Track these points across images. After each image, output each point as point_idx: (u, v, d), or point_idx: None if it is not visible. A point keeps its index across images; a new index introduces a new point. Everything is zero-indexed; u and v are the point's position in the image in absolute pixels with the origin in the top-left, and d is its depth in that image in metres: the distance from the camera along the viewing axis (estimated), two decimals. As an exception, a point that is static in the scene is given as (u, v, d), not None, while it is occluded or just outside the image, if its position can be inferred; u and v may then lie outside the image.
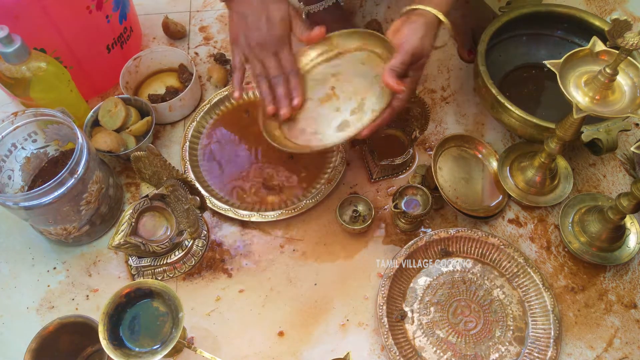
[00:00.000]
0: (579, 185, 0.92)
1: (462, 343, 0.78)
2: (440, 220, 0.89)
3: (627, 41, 0.62)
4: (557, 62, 0.69)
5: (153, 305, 0.68)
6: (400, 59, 0.69)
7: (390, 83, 0.69)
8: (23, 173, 0.86)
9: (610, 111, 0.67)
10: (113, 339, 0.64)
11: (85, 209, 0.79)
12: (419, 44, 0.69)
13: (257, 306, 0.82)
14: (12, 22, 0.78)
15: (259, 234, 0.88)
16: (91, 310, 0.81)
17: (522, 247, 0.86)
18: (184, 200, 0.78)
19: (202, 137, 0.95)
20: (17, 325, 0.81)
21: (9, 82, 0.80)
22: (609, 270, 0.85)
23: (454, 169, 0.89)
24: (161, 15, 1.08)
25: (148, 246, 0.77)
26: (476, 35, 1.00)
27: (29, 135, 0.83)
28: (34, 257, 0.86)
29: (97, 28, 0.91)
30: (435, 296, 0.82)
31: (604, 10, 1.13)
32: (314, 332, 0.80)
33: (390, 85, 0.69)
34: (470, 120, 0.98)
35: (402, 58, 0.69)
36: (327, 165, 0.91)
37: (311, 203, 0.87)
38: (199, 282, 0.84)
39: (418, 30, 0.70)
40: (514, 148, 0.91)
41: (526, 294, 0.81)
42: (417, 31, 0.70)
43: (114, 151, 0.87)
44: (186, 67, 1.00)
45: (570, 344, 0.79)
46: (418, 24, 0.70)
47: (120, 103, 0.90)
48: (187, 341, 0.73)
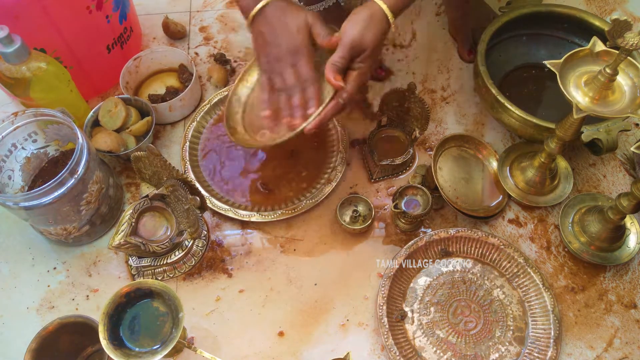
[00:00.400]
0: (579, 185, 0.92)
1: (462, 343, 0.78)
2: (440, 220, 0.89)
3: (627, 41, 0.62)
4: (557, 62, 0.69)
5: (153, 305, 0.68)
6: (340, 53, 0.69)
7: (329, 78, 0.69)
8: (23, 173, 0.86)
9: (610, 111, 0.67)
10: (113, 339, 0.64)
11: (85, 209, 0.79)
12: (358, 36, 0.68)
13: (257, 306, 0.82)
14: (12, 22, 0.78)
15: (259, 234, 0.88)
16: (91, 310, 0.81)
17: (522, 247, 0.86)
18: (184, 200, 0.78)
19: (202, 137, 0.95)
20: (17, 325, 0.81)
21: (9, 82, 0.80)
22: (609, 270, 0.85)
23: (454, 169, 0.89)
24: (161, 15, 1.08)
25: (148, 246, 0.77)
26: (476, 35, 1.00)
27: (29, 135, 0.83)
28: (34, 257, 0.86)
29: (97, 28, 0.91)
30: (435, 296, 0.82)
31: (604, 10, 1.13)
32: (314, 332, 0.80)
33: (329, 80, 0.69)
34: (470, 120, 0.98)
35: (341, 52, 0.69)
36: (327, 165, 0.91)
37: (311, 203, 0.87)
38: (199, 282, 0.84)
39: (358, 23, 0.69)
40: (514, 148, 0.91)
41: (526, 294, 0.81)
42: (358, 23, 0.69)
43: (114, 151, 0.87)
44: (186, 67, 1.00)
45: (570, 344, 0.79)
46: (360, 16, 0.69)
47: (120, 103, 0.90)
48: (187, 341, 0.73)
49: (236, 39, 1.09)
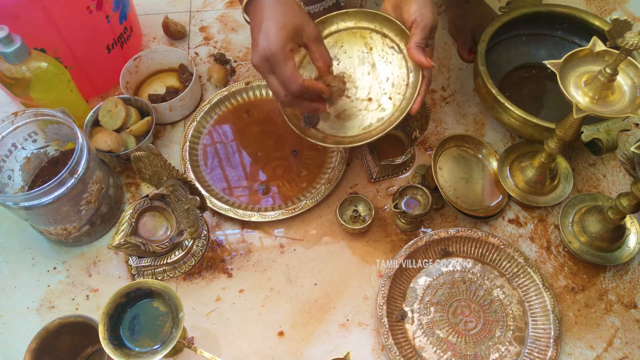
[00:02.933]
0: (579, 185, 0.92)
1: (462, 343, 0.78)
2: (440, 220, 0.89)
3: (627, 41, 0.62)
4: (557, 62, 0.69)
5: (153, 305, 0.68)
6: (421, 34, 0.70)
7: (421, 60, 0.70)
8: (23, 173, 0.86)
9: (610, 111, 0.67)
10: (113, 339, 0.64)
11: (85, 209, 0.79)
12: (432, 17, 0.70)
13: (257, 306, 0.82)
14: (12, 22, 0.78)
15: (259, 234, 0.88)
16: (91, 310, 0.81)
17: (522, 247, 0.86)
18: (184, 200, 0.78)
19: (202, 137, 0.95)
20: (17, 325, 0.81)
21: (9, 82, 0.80)
22: (609, 270, 0.85)
23: (454, 169, 0.89)
24: (161, 15, 1.08)
25: (148, 246, 0.77)
26: (476, 35, 1.00)
27: (29, 135, 0.83)
28: (34, 257, 0.86)
29: (97, 28, 0.91)
30: (435, 296, 0.82)
31: (604, 10, 1.13)
32: (314, 332, 0.80)
33: (420, 62, 0.71)
34: (470, 120, 0.98)
35: (423, 34, 0.70)
36: (327, 165, 0.91)
37: (311, 203, 0.87)
38: (199, 282, 0.84)
39: (426, 4, 0.70)
40: (514, 148, 0.91)
41: (526, 294, 0.81)
42: (425, 4, 0.70)
43: (114, 151, 0.87)
44: (186, 67, 1.00)
45: (570, 344, 0.79)
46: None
47: (120, 103, 0.90)
48: (187, 341, 0.73)
49: (236, 38, 1.09)
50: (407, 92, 0.76)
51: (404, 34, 0.75)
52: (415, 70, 0.75)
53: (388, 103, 0.77)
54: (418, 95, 0.72)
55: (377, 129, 0.76)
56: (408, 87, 0.75)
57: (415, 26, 0.71)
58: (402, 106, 0.75)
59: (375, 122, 0.77)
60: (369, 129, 0.77)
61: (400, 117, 0.73)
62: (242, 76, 1.04)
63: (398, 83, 0.77)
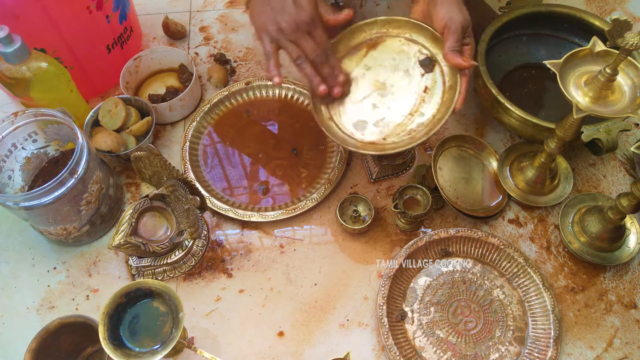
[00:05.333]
0: (579, 185, 0.92)
1: (462, 343, 0.78)
2: (440, 220, 0.89)
3: (627, 41, 0.62)
4: (557, 62, 0.69)
5: (153, 305, 0.68)
6: (454, 38, 0.71)
7: (459, 62, 0.71)
8: (23, 173, 0.86)
9: (610, 111, 0.67)
10: (113, 339, 0.64)
11: (85, 209, 0.79)
12: (462, 17, 0.71)
13: (257, 306, 0.82)
14: (12, 22, 0.78)
15: (259, 234, 0.88)
16: (91, 310, 0.81)
17: (522, 247, 0.86)
18: (184, 200, 0.78)
19: (202, 137, 0.95)
20: (17, 325, 0.81)
21: (9, 82, 0.80)
22: (609, 270, 0.85)
23: (454, 169, 0.89)
24: (161, 15, 1.08)
25: (148, 246, 0.77)
26: (476, 35, 1.00)
27: (29, 135, 0.83)
28: (34, 257, 0.86)
29: (97, 28, 0.91)
30: (435, 296, 0.82)
31: (604, 10, 1.13)
32: (314, 332, 0.80)
33: (459, 65, 0.71)
34: (470, 120, 0.98)
35: (455, 37, 0.71)
36: (327, 165, 0.91)
37: (311, 203, 0.87)
38: (199, 282, 0.84)
39: (453, 4, 0.71)
40: (514, 148, 0.91)
41: (526, 294, 0.81)
42: (452, 5, 0.71)
43: (114, 151, 0.87)
44: (186, 67, 1.00)
45: (570, 344, 0.79)
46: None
47: (120, 103, 0.90)
48: (187, 341, 0.73)
49: (236, 39, 1.09)
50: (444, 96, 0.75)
51: (437, 39, 0.76)
52: (451, 71, 0.75)
53: (427, 108, 0.76)
54: (459, 94, 0.73)
55: (420, 133, 0.75)
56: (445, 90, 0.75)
57: (447, 31, 0.71)
58: (441, 110, 0.75)
59: (416, 127, 0.76)
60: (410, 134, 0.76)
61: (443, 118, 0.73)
62: (242, 76, 1.04)
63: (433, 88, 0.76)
